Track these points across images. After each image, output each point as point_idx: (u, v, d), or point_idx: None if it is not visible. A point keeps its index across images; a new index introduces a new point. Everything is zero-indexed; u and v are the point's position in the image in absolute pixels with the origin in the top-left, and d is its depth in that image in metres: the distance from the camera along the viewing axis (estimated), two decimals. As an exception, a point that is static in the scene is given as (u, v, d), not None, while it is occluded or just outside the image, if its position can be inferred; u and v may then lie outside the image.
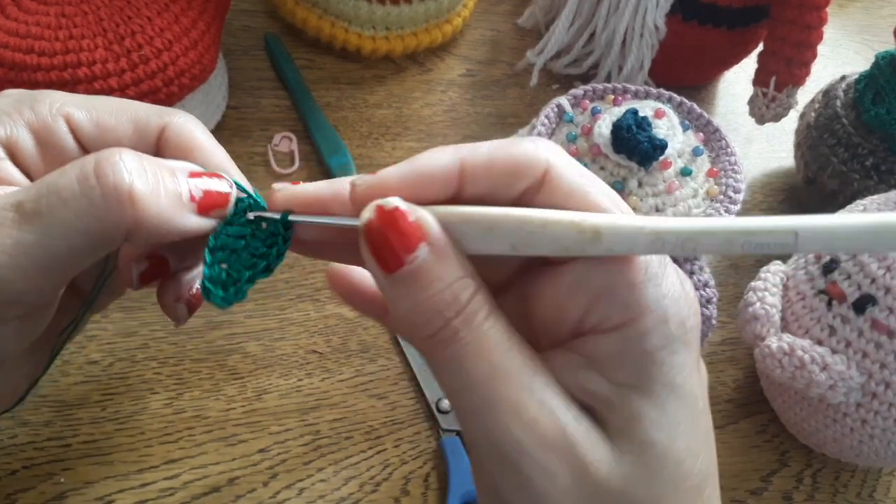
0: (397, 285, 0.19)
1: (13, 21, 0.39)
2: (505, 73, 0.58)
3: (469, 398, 0.19)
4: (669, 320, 0.20)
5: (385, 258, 0.19)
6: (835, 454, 0.39)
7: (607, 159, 0.37)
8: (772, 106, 0.51)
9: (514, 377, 0.19)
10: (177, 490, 0.35)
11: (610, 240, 0.19)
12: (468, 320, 0.19)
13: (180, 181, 0.21)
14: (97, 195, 0.19)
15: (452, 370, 0.19)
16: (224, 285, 0.22)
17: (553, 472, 0.19)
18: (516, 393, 0.19)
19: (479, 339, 0.19)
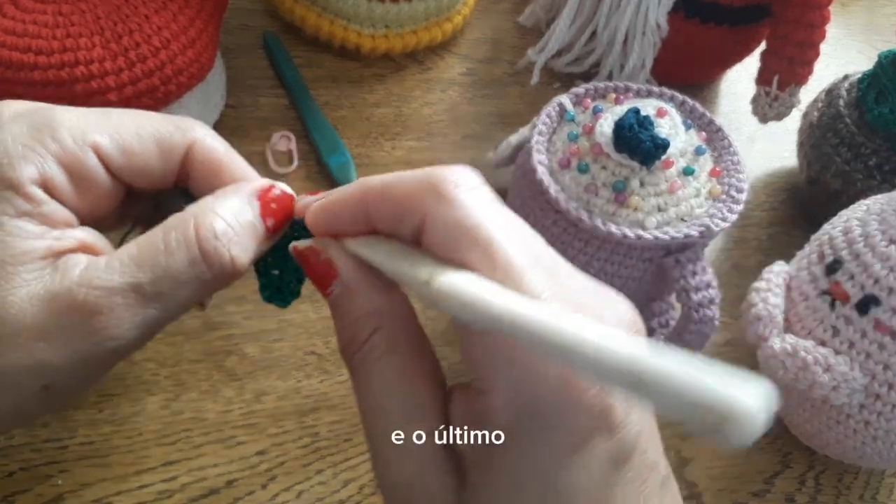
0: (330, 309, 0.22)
1: (10, 20, 0.39)
2: (506, 71, 0.58)
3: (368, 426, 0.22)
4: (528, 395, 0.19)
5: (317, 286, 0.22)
6: (838, 456, 0.39)
7: (609, 158, 0.37)
8: (774, 105, 0.50)
9: (388, 419, 0.21)
10: (174, 492, 0.35)
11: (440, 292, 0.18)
12: (363, 358, 0.21)
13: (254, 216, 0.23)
14: (208, 276, 0.21)
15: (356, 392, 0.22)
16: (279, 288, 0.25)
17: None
18: (384, 435, 0.21)
19: (367, 378, 0.21)
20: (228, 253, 0.22)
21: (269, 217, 0.23)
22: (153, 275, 0.21)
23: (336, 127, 0.50)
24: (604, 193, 0.37)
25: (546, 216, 0.38)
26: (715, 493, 0.39)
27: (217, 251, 0.21)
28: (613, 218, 0.36)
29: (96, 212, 0.23)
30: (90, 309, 0.20)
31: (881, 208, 0.35)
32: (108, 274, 0.20)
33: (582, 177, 0.37)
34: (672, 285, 0.37)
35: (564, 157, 0.38)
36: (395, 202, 0.20)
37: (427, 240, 0.20)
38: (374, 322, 0.21)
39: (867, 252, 0.34)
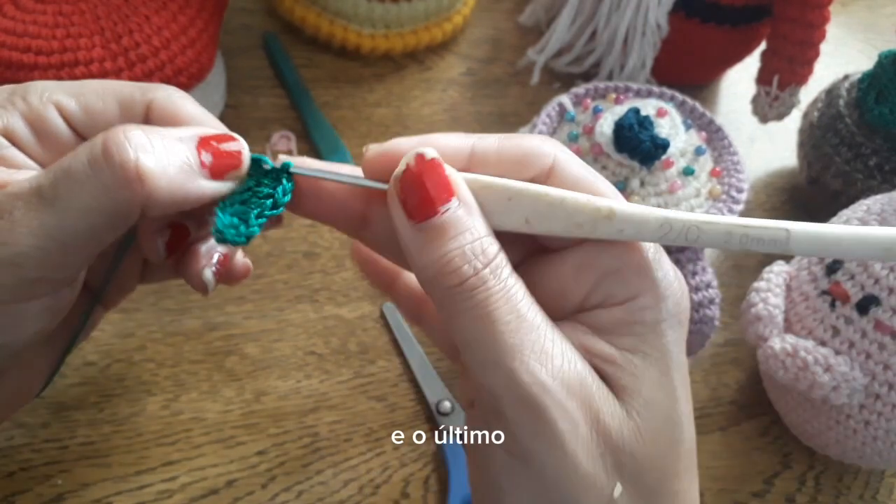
0: (425, 234, 0.20)
1: (10, 20, 0.39)
2: (506, 71, 0.58)
3: (492, 346, 0.20)
4: (668, 299, 0.22)
5: (417, 207, 0.20)
6: (838, 456, 0.39)
7: (609, 158, 0.37)
8: (774, 105, 0.50)
9: (539, 326, 0.20)
10: (174, 492, 0.35)
11: (622, 221, 0.21)
12: (496, 272, 0.20)
13: (189, 149, 0.21)
14: (106, 175, 0.20)
15: (477, 318, 0.20)
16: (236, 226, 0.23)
17: (575, 418, 0.20)
18: (542, 341, 0.20)
19: (507, 289, 0.20)
20: (134, 154, 0.20)
21: (206, 152, 0.22)
22: (53, 175, 0.20)
23: (336, 127, 0.50)
24: (604, 193, 0.37)
25: (546, 216, 0.38)
26: (715, 493, 0.39)
27: (119, 148, 0.20)
28: (613, 218, 0.36)
29: None
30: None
31: (881, 208, 0.35)
32: (21, 181, 0.20)
33: (582, 177, 0.37)
34: (672, 285, 0.37)
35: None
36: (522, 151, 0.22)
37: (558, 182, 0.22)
38: (496, 244, 0.21)
39: (867, 252, 0.34)
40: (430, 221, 0.20)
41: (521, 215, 0.21)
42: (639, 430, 0.21)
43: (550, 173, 0.22)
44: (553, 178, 0.22)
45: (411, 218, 0.20)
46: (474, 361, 0.20)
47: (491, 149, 0.22)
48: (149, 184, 0.20)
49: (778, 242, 0.20)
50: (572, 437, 0.20)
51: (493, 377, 0.20)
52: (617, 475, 0.20)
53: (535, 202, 0.21)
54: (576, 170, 0.22)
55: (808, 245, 0.20)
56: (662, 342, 0.21)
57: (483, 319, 0.20)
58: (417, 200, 0.20)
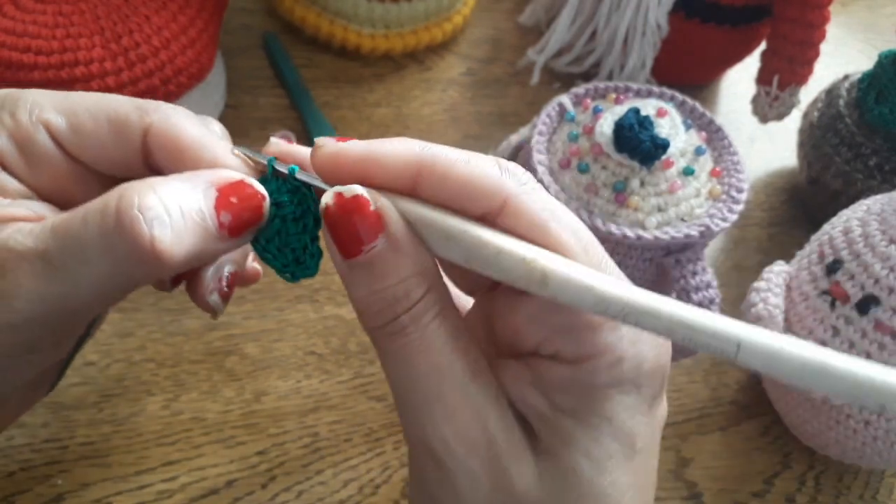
0: (353, 271, 0.20)
1: (10, 20, 0.39)
2: (506, 71, 0.58)
3: (408, 392, 0.20)
4: (624, 362, 0.20)
5: (343, 243, 0.19)
6: (838, 456, 0.39)
7: (609, 158, 0.37)
8: (775, 105, 0.50)
9: (452, 379, 0.20)
10: (174, 492, 0.35)
11: (556, 288, 0.19)
12: (416, 318, 0.20)
13: (206, 208, 0.20)
14: (119, 251, 0.18)
15: (396, 363, 0.20)
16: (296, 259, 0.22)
17: (475, 476, 0.20)
18: (451, 395, 0.20)
19: (424, 339, 0.20)
20: (149, 231, 0.18)
21: (226, 212, 0.20)
22: (62, 243, 0.19)
23: (336, 127, 0.50)
24: (604, 193, 0.37)
25: (546, 216, 0.38)
26: (715, 493, 0.39)
27: (133, 224, 0.18)
28: (613, 218, 0.36)
29: (58, 190, 0.22)
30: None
31: (881, 208, 0.35)
32: (24, 238, 0.19)
33: (582, 177, 0.37)
34: (672, 285, 0.37)
35: (564, 157, 0.38)
36: (473, 178, 0.20)
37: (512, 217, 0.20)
38: (427, 281, 0.20)
39: (867, 252, 0.34)
40: (355, 260, 0.19)
41: (460, 255, 0.20)
42: (550, 496, 0.20)
43: (503, 208, 0.20)
44: (506, 213, 0.20)
45: (340, 252, 0.20)
46: (396, 401, 0.21)
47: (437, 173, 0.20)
48: (165, 259, 0.19)
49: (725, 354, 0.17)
50: (471, 493, 0.20)
51: (407, 423, 0.20)
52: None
53: (471, 249, 0.19)
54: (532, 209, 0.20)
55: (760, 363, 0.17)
56: (605, 408, 0.20)
57: (400, 365, 0.20)
58: (343, 237, 0.19)
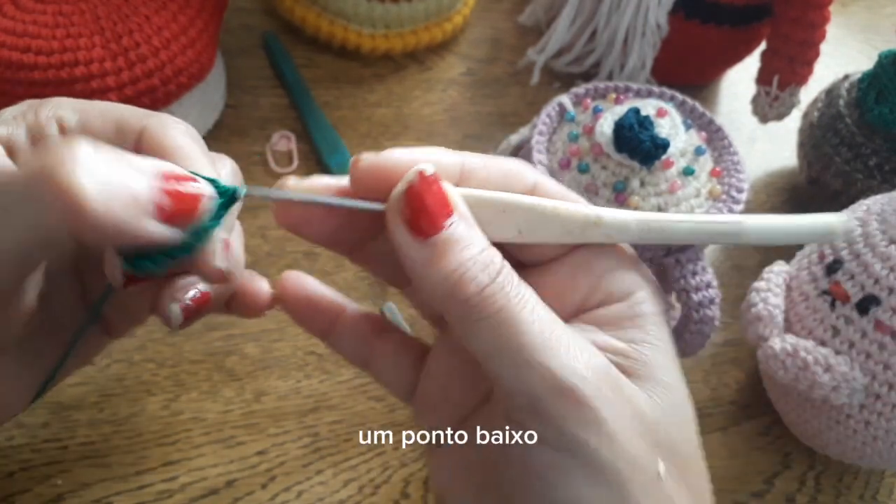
0: (435, 249, 0.20)
1: (10, 20, 0.39)
2: (506, 71, 0.58)
3: (521, 347, 0.20)
4: (658, 293, 0.24)
5: (422, 224, 0.20)
6: (838, 456, 0.39)
7: (609, 158, 0.37)
8: (775, 105, 0.50)
9: (559, 325, 0.21)
10: (174, 492, 0.35)
11: (608, 226, 0.23)
12: (509, 278, 0.21)
13: (145, 184, 0.18)
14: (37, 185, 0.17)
15: (500, 323, 0.20)
16: None
17: (615, 404, 0.20)
18: (565, 337, 0.21)
19: (521, 294, 0.21)
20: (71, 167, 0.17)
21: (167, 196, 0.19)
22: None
23: (336, 127, 0.50)
24: (604, 193, 0.37)
25: (546, 216, 0.38)
26: (715, 493, 0.39)
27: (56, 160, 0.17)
28: (613, 218, 0.36)
29: None
30: None
31: (881, 208, 0.35)
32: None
33: (582, 177, 0.37)
34: (672, 285, 0.37)
35: (564, 157, 0.38)
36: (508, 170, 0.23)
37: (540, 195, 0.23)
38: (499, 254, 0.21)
39: (867, 252, 0.34)
40: (437, 237, 0.20)
41: (514, 226, 0.22)
42: (664, 410, 0.22)
43: (533, 191, 0.23)
44: (536, 193, 0.23)
45: (417, 235, 0.20)
46: (503, 367, 0.20)
47: (479, 166, 0.23)
48: (86, 210, 0.17)
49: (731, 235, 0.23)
50: (616, 421, 0.20)
51: (528, 377, 0.20)
52: (657, 452, 0.21)
53: (529, 213, 0.22)
54: (554, 188, 0.24)
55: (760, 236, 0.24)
56: (663, 331, 0.23)
57: (506, 324, 0.20)
58: (421, 217, 0.20)
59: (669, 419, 0.22)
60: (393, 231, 0.21)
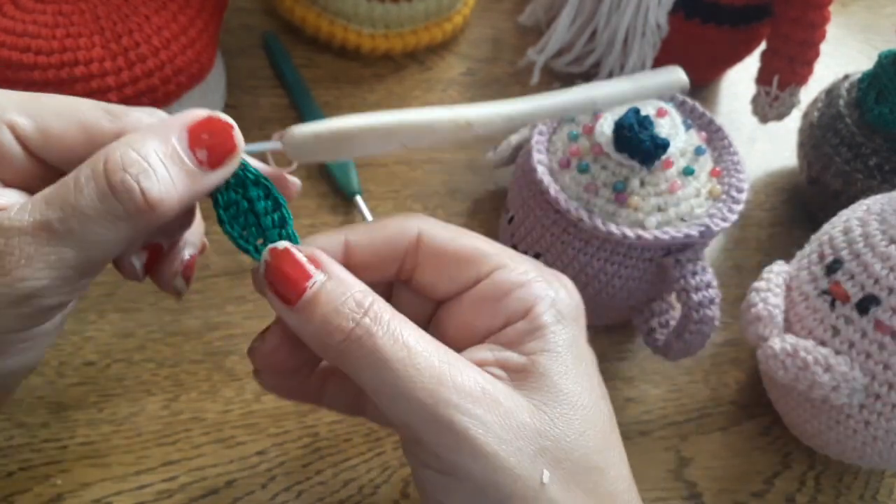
0: (304, 309, 0.22)
1: (10, 20, 0.39)
2: (506, 71, 0.58)
3: (392, 383, 0.21)
4: (558, 302, 0.25)
5: (286, 293, 0.22)
6: (838, 456, 0.39)
7: (609, 158, 0.37)
8: (774, 105, 0.50)
9: (430, 354, 0.22)
10: (174, 492, 0.35)
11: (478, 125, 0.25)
12: (377, 318, 0.22)
13: (183, 151, 0.22)
14: (119, 210, 0.20)
15: (373, 363, 0.21)
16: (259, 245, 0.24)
17: (485, 421, 0.21)
18: (436, 365, 0.22)
19: (391, 330, 0.22)
20: (138, 185, 0.20)
21: (200, 148, 0.22)
22: (62, 212, 0.20)
23: (336, 127, 0.50)
24: (604, 193, 0.37)
25: (546, 216, 0.38)
26: (715, 493, 0.39)
27: (125, 183, 0.20)
28: (613, 218, 0.36)
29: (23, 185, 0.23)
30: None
31: (881, 208, 0.35)
32: (18, 215, 0.20)
33: (582, 177, 0.37)
34: (672, 285, 0.37)
35: (564, 157, 0.38)
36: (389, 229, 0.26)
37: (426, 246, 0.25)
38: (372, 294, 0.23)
39: (867, 252, 0.34)
40: (301, 300, 0.22)
41: (398, 142, 0.25)
42: (553, 418, 0.22)
43: (418, 243, 0.25)
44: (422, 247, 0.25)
45: (287, 303, 0.22)
46: (384, 403, 0.22)
47: (362, 237, 0.25)
48: (159, 208, 0.21)
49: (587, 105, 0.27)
50: (491, 439, 0.21)
51: (403, 410, 0.21)
52: (542, 461, 0.22)
53: (409, 130, 0.25)
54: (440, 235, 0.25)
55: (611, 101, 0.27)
56: (562, 339, 0.24)
57: (378, 363, 0.21)
58: (283, 287, 0.22)
59: (558, 427, 0.22)
60: (271, 304, 0.23)
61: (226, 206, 0.24)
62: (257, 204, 0.24)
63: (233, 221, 0.24)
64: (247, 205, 0.24)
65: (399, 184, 0.49)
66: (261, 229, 0.24)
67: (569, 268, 0.39)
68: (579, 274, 0.38)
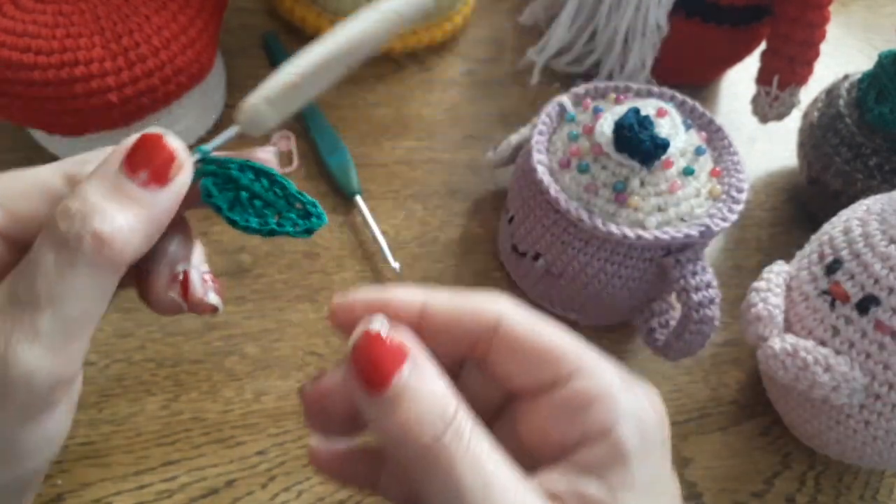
0: (383, 405, 0.20)
1: (10, 20, 0.39)
2: (506, 71, 0.58)
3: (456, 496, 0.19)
4: (646, 422, 0.22)
5: (370, 380, 0.20)
6: (838, 456, 0.39)
7: (609, 158, 0.37)
8: (775, 105, 0.50)
9: (507, 489, 0.20)
10: (174, 492, 0.35)
11: None
12: (458, 433, 0.20)
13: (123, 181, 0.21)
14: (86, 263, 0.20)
15: (443, 483, 0.20)
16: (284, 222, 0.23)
17: None
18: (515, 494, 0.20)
19: (470, 451, 0.20)
20: (87, 229, 0.19)
21: (141, 171, 0.21)
22: (24, 279, 0.20)
23: (336, 127, 0.50)
24: (604, 193, 0.37)
25: (546, 216, 0.38)
26: (715, 493, 0.39)
27: (70, 232, 0.19)
28: (613, 218, 0.36)
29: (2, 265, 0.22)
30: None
31: (881, 208, 0.35)
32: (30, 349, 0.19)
33: (582, 177, 0.37)
34: (672, 285, 0.37)
35: (564, 157, 0.38)
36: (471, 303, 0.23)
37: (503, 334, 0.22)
38: (455, 398, 0.20)
39: (867, 252, 0.34)
40: (387, 392, 0.20)
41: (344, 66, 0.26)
42: None
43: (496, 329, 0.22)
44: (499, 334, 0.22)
45: (367, 391, 0.20)
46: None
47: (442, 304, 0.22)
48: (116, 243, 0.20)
49: None
50: None
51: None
52: None
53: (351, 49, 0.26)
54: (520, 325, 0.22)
55: None
56: (648, 473, 0.21)
57: (450, 486, 0.19)
58: (370, 374, 0.20)
59: None
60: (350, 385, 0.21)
61: (230, 207, 0.23)
62: (254, 187, 0.23)
63: (244, 216, 0.23)
64: (246, 194, 0.23)
65: (399, 184, 0.49)
66: (270, 206, 0.23)
67: (569, 268, 0.39)
68: (579, 274, 0.38)
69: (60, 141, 0.44)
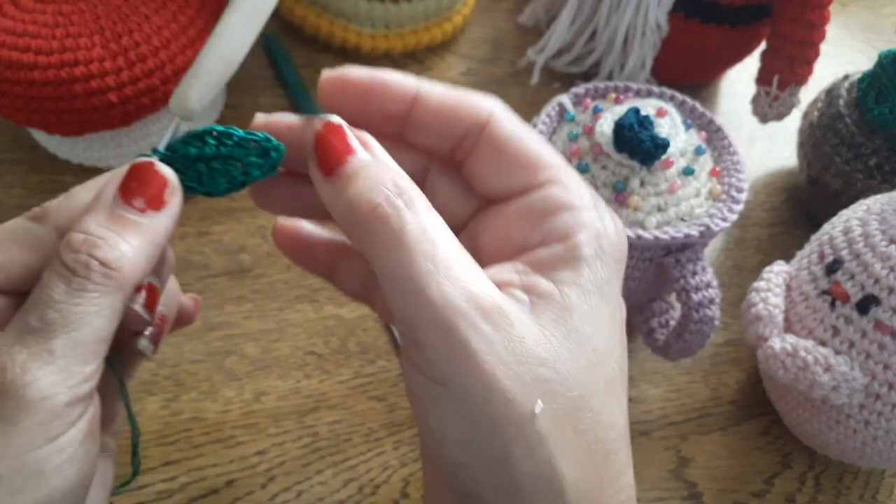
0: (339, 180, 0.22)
1: (10, 20, 0.39)
2: (506, 71, 0.58)
3: (407, 271, 0.20)
4: (603, 237, 0.23)
5: (328, 162, 0.22)
6: (838, 456, 0.39)
7: (609, 158, 0.37)
8: (774, 105, 0.50)
9: (456, 258, 0.21)
10: (174, 492, 0.35)
11: None
12: (411, 203, 0.21)
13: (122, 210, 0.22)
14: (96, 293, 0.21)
15: (393, 244, 0.21)
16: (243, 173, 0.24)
17: (489, 338, 0.20)
18: (458, 270, 0.21)
19: (422, 221, 0.21)
20: (92, 258, 0.21)
21: (136, 198, 0.22)
22: (38, 310, 0.20)
23: (336, 127, 0.50)
24: (604, 193, 0.37)
25: (546, 216, 0.38)
26: (715, 493, 0.39)
27: (78, 262, 0.21)
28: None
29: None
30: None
31: (881, 208, 0.35)
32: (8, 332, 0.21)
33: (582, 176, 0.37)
34: (672, 285, 0.37)
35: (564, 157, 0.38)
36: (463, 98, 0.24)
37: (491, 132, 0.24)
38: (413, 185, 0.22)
39: (867, 252, 0.34)
40: (340, 170, 0.22)
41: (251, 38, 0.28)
42: (560, 353, 0.21)
43: (486, 125, 0.24)
44: (487, 130, 0.24)
45: (326, 173, 0.22)
46: (392, 294, 0.21)
47: (435, 93, 0.24)
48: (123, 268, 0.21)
49: None
50: (487, 356, 0.20)
51: (410, 305, 0.20)
52: (537, 391, 0.21)
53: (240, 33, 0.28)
54: (508, 126, 0.24)
55: None
56: (597, 277, 0.23)
57: (398, 247, 0.21)
58: (327, 156, 0.22)
59: (563, 362, 0.21)
60: (311, 174, 0.23)
61: (201, 182, 0.23)
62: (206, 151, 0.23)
63: (213, 184, 0.24)
64: (205, 166, 0.23)
65: (399, 184, 0.49)
66: (230, 160, 0.23)
67: (569, 268, 0.39)
68: (579, 274, 0.38)
69: (60, 141, 0.44)
